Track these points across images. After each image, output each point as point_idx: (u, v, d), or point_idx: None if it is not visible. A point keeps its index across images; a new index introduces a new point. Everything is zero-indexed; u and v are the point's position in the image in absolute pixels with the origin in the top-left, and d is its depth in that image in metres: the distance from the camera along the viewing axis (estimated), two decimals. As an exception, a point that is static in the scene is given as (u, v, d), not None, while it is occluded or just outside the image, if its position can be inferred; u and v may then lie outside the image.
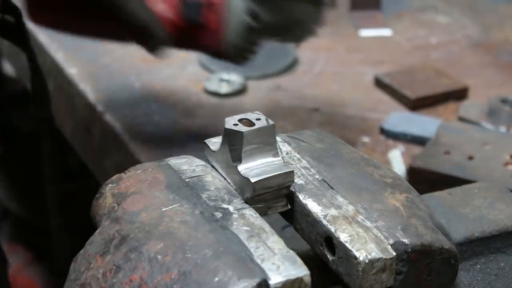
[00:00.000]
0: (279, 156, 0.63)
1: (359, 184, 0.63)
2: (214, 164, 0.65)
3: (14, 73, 1.57)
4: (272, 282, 0.53)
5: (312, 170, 0.65)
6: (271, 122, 0.63)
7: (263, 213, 0.62)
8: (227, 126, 0.62)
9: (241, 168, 0.62)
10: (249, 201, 0.61)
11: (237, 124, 0.62)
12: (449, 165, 1.02)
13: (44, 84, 0.99)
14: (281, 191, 0.62)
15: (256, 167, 0.62)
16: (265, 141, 0.62)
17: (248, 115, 0.63)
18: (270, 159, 0.63)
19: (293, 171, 0.62)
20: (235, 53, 1.11)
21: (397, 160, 1.10)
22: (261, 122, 0.63)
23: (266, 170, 0.62)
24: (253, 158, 0.62)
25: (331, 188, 0.63)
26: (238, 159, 0.62)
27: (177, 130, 1.17)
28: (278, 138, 0.68)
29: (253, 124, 0.62)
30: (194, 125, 1.18)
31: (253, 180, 0.61)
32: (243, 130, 0.62)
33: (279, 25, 1.12)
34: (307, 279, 0.54)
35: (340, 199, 0.62)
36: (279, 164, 0.62)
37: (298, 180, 0.64)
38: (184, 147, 1.11)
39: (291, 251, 0.56)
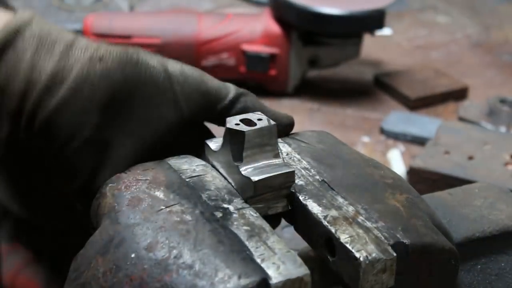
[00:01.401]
0: (279, 157, 0.63)
1: (359, 184, 0.63)
2: (215, 164, 0.65)
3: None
4: (272, 281, 0.53)
5: (312, 171, 0.65)
6: (272, 122, 0.63)
7: (263, 213, 0.62)
8: (228, 125, 0.62)
9: (242, 167, 0.62)
10: (249, 201, 0.61)
11: (238, 124, 0.62)
12: (449, 165, 1.02)
13: None
14: (281, 191, 0.62)
15: (257, 167, 0.62)
16: (266, 141, 0.62)
17: (250, 115, 0.63)
18: (271, 159, 0.63)
19: (294, 171, 0.62)
20: (293, 90, 1.26)
21: (397, 160, 1.10)
22: (263, 122, 0.63)
23: (267, 170, 0.62)
24: (254, 158, 0.62)
25: (331, 189, 0.63)
26: (239, 159, 0.62)
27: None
28: (278, 139, 0.68)
29: (254, 124, 0.62)
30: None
31: (254, 179, 0.61)
32: (244, 130, 0.62)
33: (331, 64, 1.28)
34: (307, 278, 0.54)
35: (340, 200, 0.62)
36: (280, 164, 0.62)
37: (298, 181, 0.64)
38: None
39: (291, 251, 0.56)
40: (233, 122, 0.63)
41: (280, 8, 1.23)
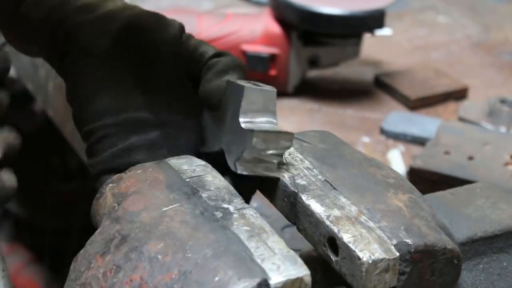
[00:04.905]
0: (276, 125, 0.64)
1: (362, 184, 0.63)
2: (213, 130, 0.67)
3: (14, 73, 1.57)
4: (272, 282, 0.53)
5: (314, 170, 0.65)
6: (273, 88, 0.65)
7: (253, 172, 0.63)
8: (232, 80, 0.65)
9: (243, 119, 0.63)
10: (244, 155, 0.62)
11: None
12: (449, 165, 1.02)
13: None
14: (275, 157, 0.63)
15: (256, 122, 0.63)
16: (266, 105, 0.64)
17: (253, 82, 0.66)
18: (269, 122, 0.64)
19: (293, 134, 0.64)
20: (293, 90, 1.26)
21: (397, 160, 1.10)
22: (265, 87, 0.65)
23: (266, 127, 0.63)
24: (253, 116, 0.63)
25: (334, 188, 0.63)
26: (238, 114, 0.63)
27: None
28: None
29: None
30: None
31: (254, 129, 0.62)
32: (244, 85, 0.64)
33: (331, 64, 1.28)
34: (307, 279, 0.54)
35: (343, 199, 0.62)
36: (278, 128, 0.64)
37: (301, 181, 0.64)
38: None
39: (292, 251, 0.56)
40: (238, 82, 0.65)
41: (280, 8, 1.23)
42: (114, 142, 0.69)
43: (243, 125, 0.62)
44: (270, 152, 0.63)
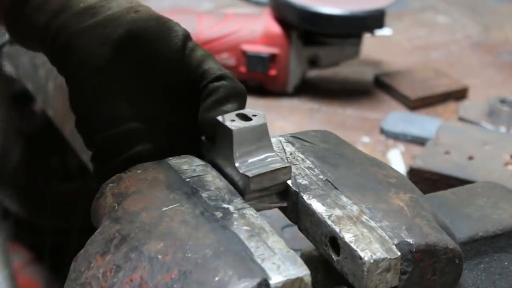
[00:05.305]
0: (274, 152, 0.63)
1: (363, 184, 0.63)
2: (213, 158, 0.65)
3: (14, 73, 1.57)
4: (272, 281, 0.53)
5: (316, 170, 0.65)
6: (264, 120, 0.63)
7: (260, 208, 0.62)
8: (220, 120, 0.63)
9: (237, 163, 0.62)
10: (246, 197, 0.61)
11: (233, 120, 0.63)
12: (449, 165, 1.02)
13: None
14: (278, 187, 0.63)
15: (252, 163, 0.62)
16: (259, 138, 0.63)
17: (246, 111, 0.64)
18: (266, 155, 0.63)
19: (290, 166, 0.63)
20: (293, 90, 1.26)
21: (397, 160, 1.10)
22: (257, 119, 0.63)
23: (262, 165, 0.62)
24: (247, 154, 0.62)
25: (335, 188, 0.63)
26: (230, 155, 0.62)
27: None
28: (281, 139, 0.69)
29: (249, 120, 0.63)
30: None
31: (249, 175, 0.61)
32: (232, 128, 0.62)
33: (331, 64, 1.28)
34: (307, 278, 0.54)
35: (344, 199, 0.62)
36: (276, 160, 0.63)
37: (302, 181, 0.64)
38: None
39: (292, 251, 0.56)
40: (227, 118, 0.63)
41: (280, 8, 1.23)
42: (114, 153, 0.68)
43: (239, 170, 0.62)
44: (270, 189, 0.63)
